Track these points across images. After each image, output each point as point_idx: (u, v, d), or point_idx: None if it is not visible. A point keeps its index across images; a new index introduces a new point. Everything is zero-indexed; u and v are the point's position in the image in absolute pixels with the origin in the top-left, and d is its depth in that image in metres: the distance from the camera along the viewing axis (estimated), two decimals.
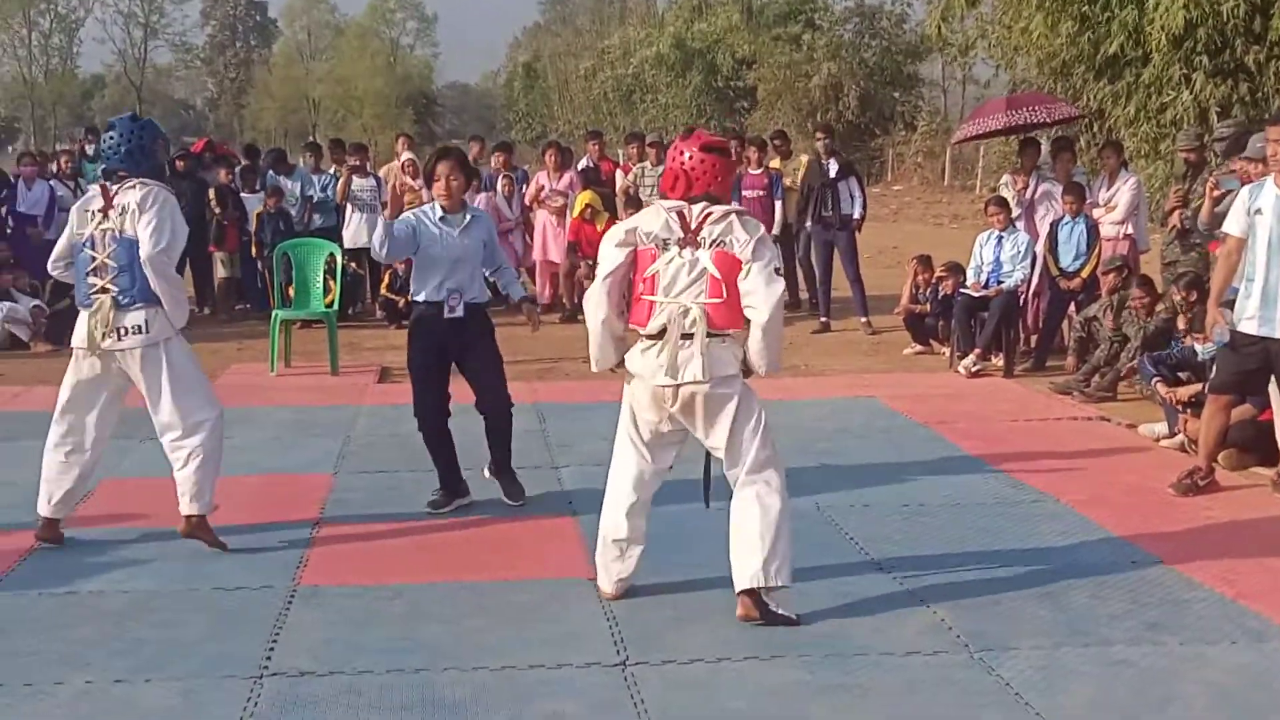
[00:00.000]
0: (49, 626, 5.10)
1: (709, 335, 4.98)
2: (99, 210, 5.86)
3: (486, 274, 7.06)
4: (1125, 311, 9.87)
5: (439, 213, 6.67)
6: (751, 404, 5.11)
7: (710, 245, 5.00)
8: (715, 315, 5.00)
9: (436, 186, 6.68)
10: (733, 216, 5.04)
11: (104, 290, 5.80)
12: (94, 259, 5.83)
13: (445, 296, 6.61)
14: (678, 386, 5.02)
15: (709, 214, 5.02)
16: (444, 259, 6.60)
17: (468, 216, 6.72)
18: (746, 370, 5.10)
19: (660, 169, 13.75)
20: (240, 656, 4.79)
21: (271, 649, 4.85)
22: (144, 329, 5.78)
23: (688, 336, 4.99)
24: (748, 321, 5.05)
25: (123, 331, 5.77)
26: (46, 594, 5.46)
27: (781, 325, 5.10)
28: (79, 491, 6.15)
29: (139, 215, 5.75)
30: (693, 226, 5.02)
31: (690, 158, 5.09)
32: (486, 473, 6.99)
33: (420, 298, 6.70)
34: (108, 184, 5.92)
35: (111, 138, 5.94)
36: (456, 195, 6.67)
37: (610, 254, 5.17)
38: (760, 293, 4.95)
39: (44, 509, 6.03)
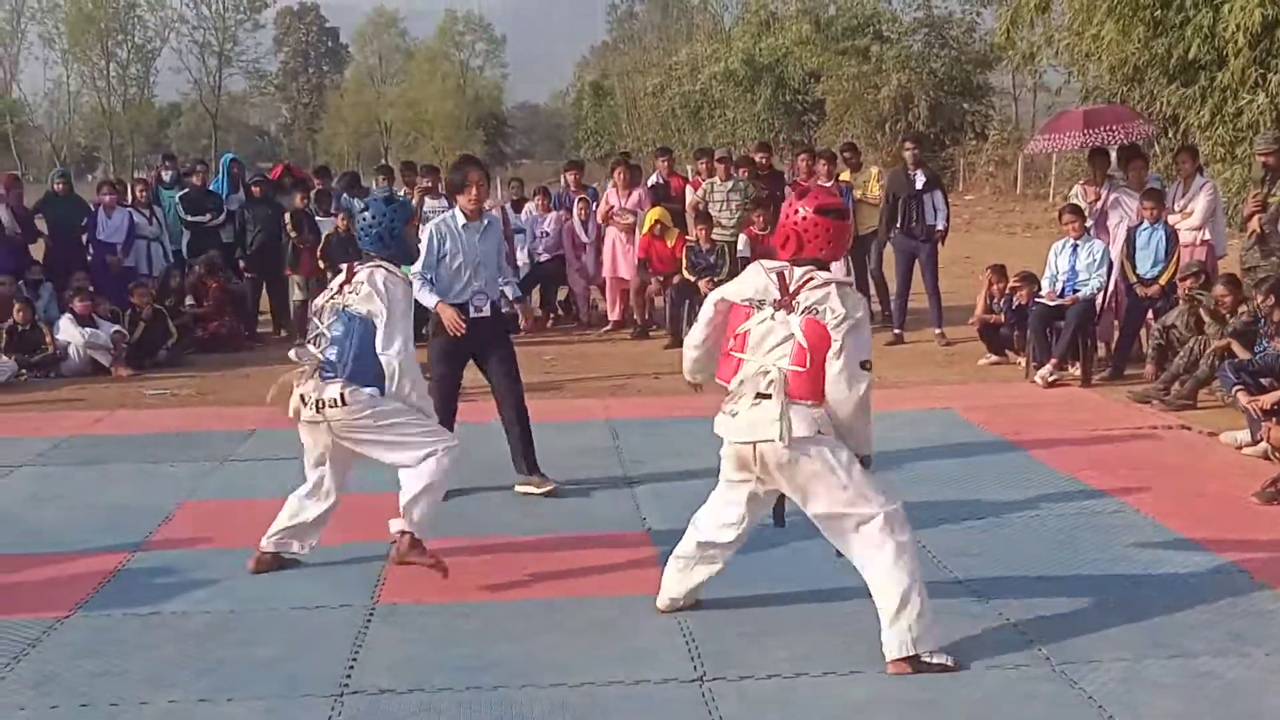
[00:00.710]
0: (133, 647, 5.17)
1: (788, 398, 4.79)
2: (338, 286, 5.93)
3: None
4: (1203, 309, 9.72)
5: (461, 220, 7.21)
6: (837, 466, 4.84)
7: (803, 311, 4.82)
8: (794, 382, 4.80)
9: (469, 193, 7.17)
10: (833, 287, 4.84)
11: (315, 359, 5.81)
12: (317, 328, 5.89)
13: (470, 298, 7.18)
14: (755, 444, 4.84)
15: (809, 279, 4.87)
16: (467, 263, 7.16)
17: (485, 222, 7.32)
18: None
19: (729, 184, 13.77)
20: (320, 675, 4.83)
21: (351, 667, 4.90)
22: (339, 403, 5.68)
23: (764, 396, 4.82)
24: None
25: (320, 404, 5.70)
26: (130, 615, 5.54)
27: (865, 416, 4.94)
28: (306, 531, 6.05)
29: (372, 301, 5.74)
30: (791, 289, 4.87)
31: (804, 218, 4.93)
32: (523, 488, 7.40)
33: (448, 300, 7.18)
34: (355, 264, 6.01)
35: (365, 218, 5.99)
36: (482, 202, 7.29)
37: (708, 311, 5.27)
38: (841, 393, 4.82)
39: (264, 540, 6.05)
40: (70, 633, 5.35)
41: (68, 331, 12.20)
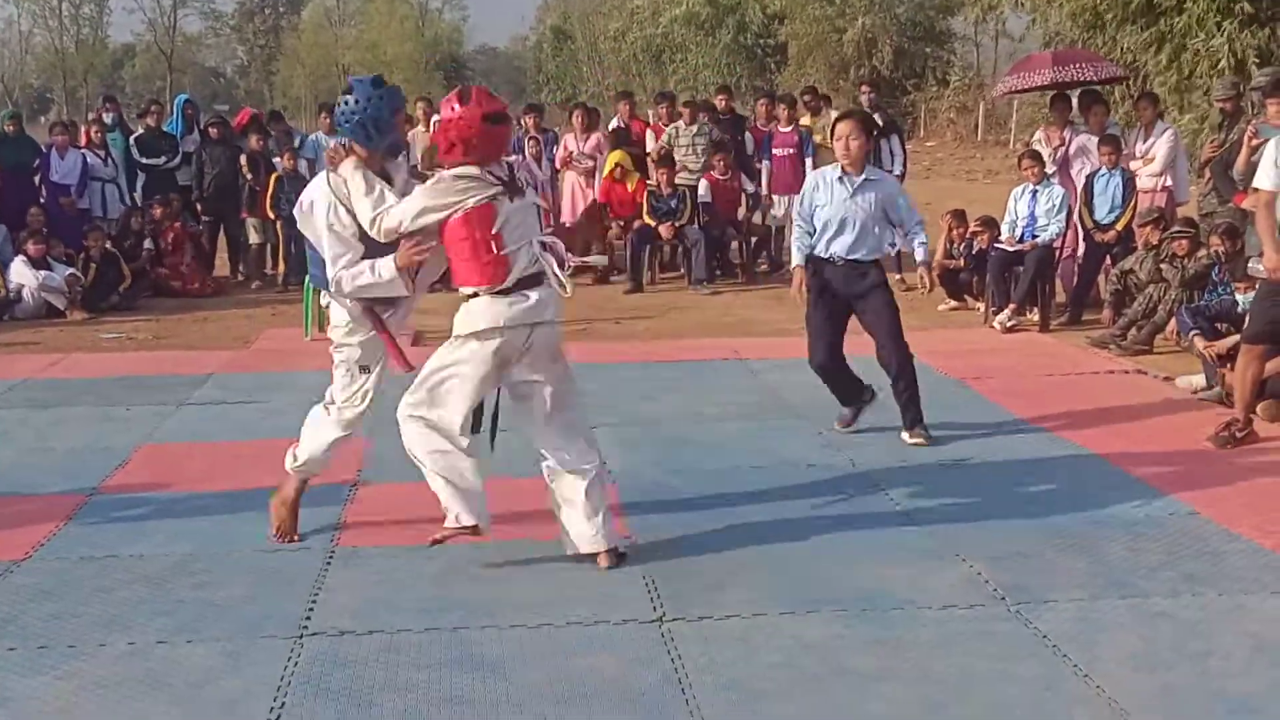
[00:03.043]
0: (91, 589, 5.15)
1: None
2: None
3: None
4: (1163, 251, 9.77)
5: (838, 172, 7.05)
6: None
7: (529, 185, 5.20)
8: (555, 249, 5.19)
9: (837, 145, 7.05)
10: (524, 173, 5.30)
11: None
12: None
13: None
14: (535, 326, 5.07)
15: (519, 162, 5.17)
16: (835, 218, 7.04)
17: (862, 178, 7.04)
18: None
19: (694, 129, 13.69)
20: (280, 617, 4.83)
21: (311, 609, 4.89)
22: None
23: (535, 280, 5.07)
24: None
25: None
26: (88, 558, 5.51)
27: None
28: None
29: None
30: (508, 177, 5.05)
31: (465, 122, 4.90)
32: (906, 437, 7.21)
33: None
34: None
35: (346, 103, 5.15)
36: (850, 155, 6.98)
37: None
38: None
39: None
40: (27, 576, 5.31)
41: (21, 274, 12.06)
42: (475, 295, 5.04)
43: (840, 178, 7.02)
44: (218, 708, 4.13)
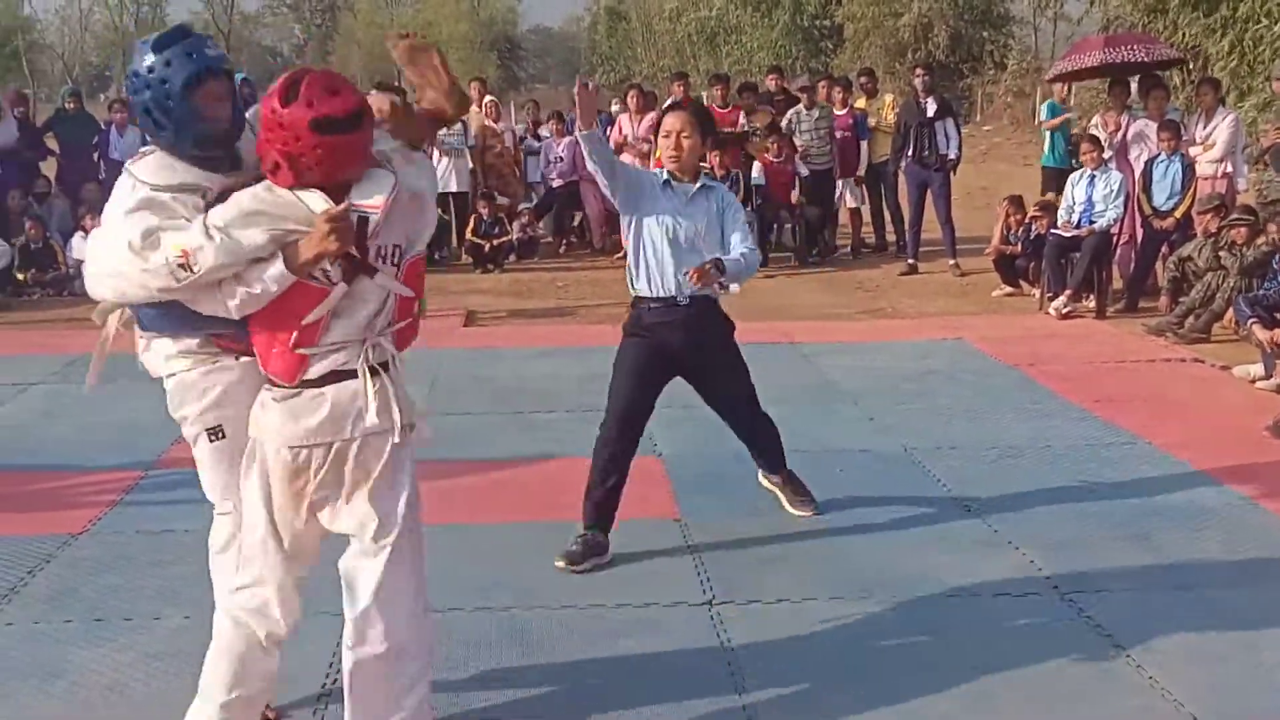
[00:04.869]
0: (146, 564, 5.21)
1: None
2: None
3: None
4: (1222, 239, 9.66)
5: (664, 176, 5.32)
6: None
7: (395, 260, 3.47)
8: (401, 339, 3.66)
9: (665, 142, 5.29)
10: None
11: None
12: None
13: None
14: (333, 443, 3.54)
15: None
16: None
17: (700, 184, 5.32)
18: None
19: (815, 112, 13.65)
20: (331, 592, 4.83)
21: None
22: None
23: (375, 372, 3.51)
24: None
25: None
26: (144, 532, 5.57)
27: None
28: None
29: None
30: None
31: (297, 137, 3.20)
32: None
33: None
34: None
35: (132, 79, 3.52)
36: (686, 158, 5.27)
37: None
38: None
39: None
40: (84, 549, 5.39)
41: (80, 249, 12.19)
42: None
43: (666, 182, 5.25)
44: None
